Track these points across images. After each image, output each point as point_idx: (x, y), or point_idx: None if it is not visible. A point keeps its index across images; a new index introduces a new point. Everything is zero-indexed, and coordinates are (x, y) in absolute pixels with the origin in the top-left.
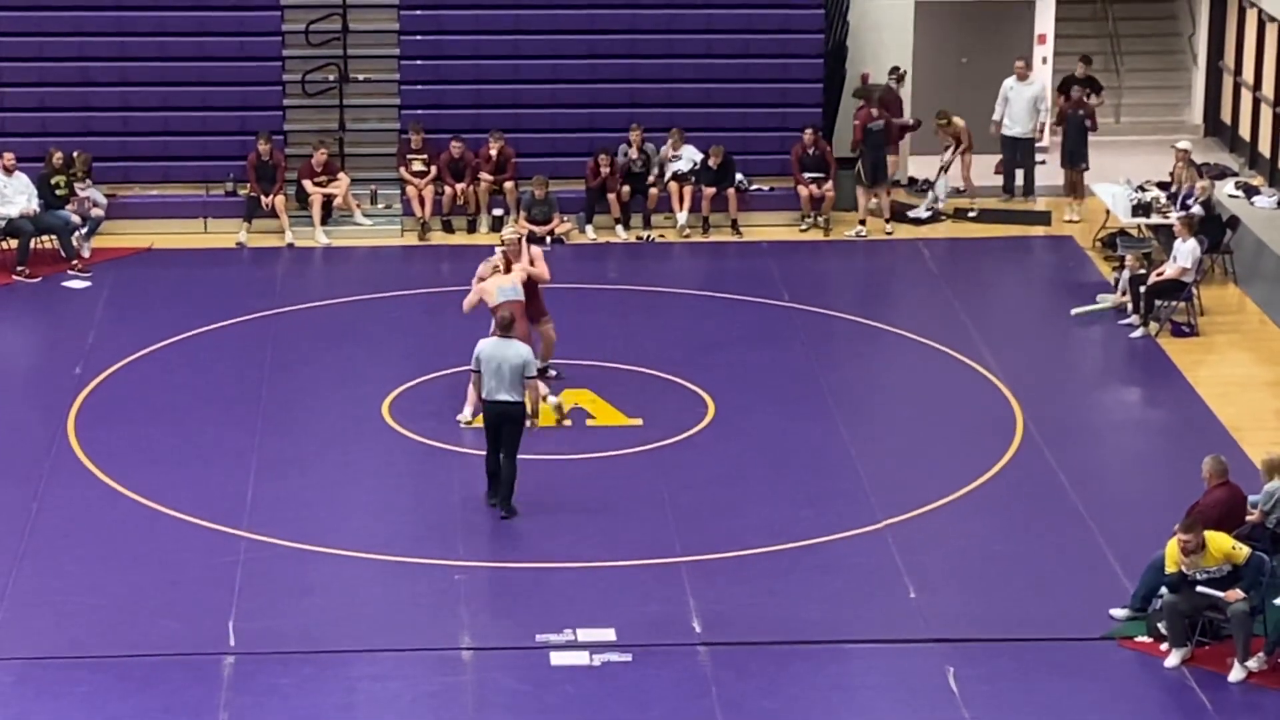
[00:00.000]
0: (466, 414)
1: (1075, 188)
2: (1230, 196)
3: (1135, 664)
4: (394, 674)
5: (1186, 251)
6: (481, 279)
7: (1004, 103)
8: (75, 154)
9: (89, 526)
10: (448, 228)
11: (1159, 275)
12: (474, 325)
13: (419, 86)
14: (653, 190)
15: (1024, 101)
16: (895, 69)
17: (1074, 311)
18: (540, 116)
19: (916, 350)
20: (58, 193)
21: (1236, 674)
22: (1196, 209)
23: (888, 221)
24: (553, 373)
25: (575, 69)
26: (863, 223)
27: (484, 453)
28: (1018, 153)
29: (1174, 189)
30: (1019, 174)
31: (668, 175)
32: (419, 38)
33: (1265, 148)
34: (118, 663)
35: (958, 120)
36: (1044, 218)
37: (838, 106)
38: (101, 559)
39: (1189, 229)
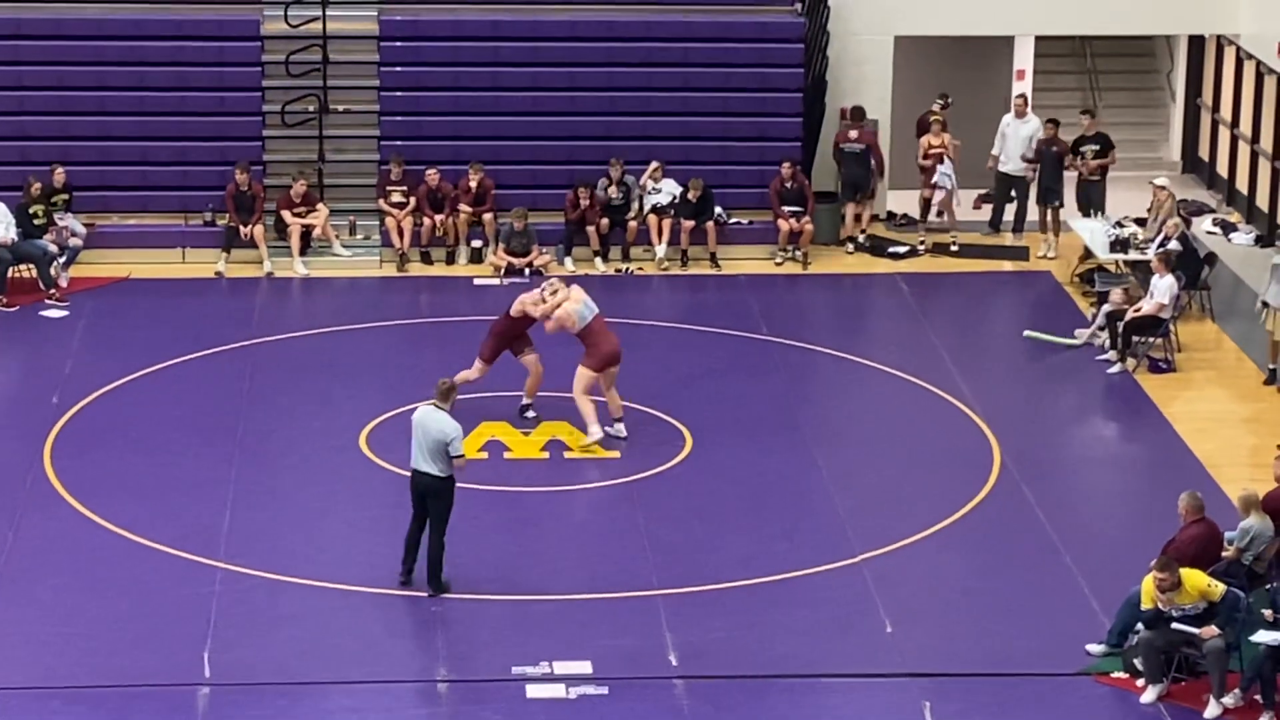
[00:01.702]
0: (596, 432)
1: (1051, 225)
2: (1208, 233)
3: (1111, 700)
4: (370, 706)
5: (1164, 288)
6: (531, 308)
7: (1002, 139)
8: (54, 169)
9: (64, 556)
10: (426, 259)
11: (1136, 311)
12: (451, 357)
13: (398, 118)
14: (631, 223)
15: (1020, 139)
16: (944, 95)
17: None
18: (520, 149)
19: (894, 385)
20: (36, 222)
21: (1212, 710)
22: (1174, 245)
23: (852, 246)
24: (530, 414)
25: (555, 101)
26: (851, 237)
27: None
28: (1011, 190)
29: (1151, 225)
30: (1009, 210)
31: (647, 208)
32: (399, 69)
33: (1243, 184)
34: (92, 693)
35: (947, 135)
36: (1022, 253)
37: (817, 140)
38: (77, 589)
39: (1166, 265)
